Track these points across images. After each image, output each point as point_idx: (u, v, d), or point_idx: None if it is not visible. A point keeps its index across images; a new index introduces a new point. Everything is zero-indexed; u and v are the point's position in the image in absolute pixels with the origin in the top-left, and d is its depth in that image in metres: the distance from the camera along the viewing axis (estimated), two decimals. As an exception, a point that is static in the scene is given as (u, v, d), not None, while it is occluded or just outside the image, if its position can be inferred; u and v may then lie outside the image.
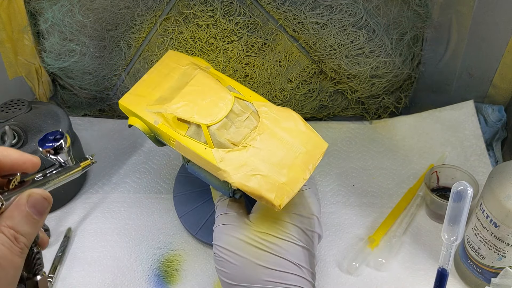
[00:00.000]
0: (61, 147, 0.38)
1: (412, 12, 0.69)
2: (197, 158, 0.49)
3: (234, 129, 0.48)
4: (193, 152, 0.48)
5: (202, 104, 0.49)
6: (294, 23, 0.68)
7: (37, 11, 0.69)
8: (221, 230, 0.49)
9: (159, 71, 0.54)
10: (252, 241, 0.47)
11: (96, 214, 0.65)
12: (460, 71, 0.73)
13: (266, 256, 0.46)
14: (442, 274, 0.46)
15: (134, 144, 0.75)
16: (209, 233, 0.55)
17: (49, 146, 0.38)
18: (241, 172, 0.46)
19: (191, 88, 0.50)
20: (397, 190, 0.67)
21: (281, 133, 0.49)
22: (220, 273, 0.48)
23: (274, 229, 0.48)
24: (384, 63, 0.70)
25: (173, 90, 0.51)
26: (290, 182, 0.46)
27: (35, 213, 0.32)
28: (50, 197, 0.34)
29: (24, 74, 0.74)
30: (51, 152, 0.38)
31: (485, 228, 0.50)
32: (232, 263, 0.47)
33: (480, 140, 0.71)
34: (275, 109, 0.51)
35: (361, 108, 0.78)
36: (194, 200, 0.63)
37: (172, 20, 0.70)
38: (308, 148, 0.49)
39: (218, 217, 0.51)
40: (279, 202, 0.45)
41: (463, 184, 0.46)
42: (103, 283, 0.56)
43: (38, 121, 0.63)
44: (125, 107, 0.53)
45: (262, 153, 0.47)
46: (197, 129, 0.48)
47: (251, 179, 0.46)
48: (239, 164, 0.47)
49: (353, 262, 0.57)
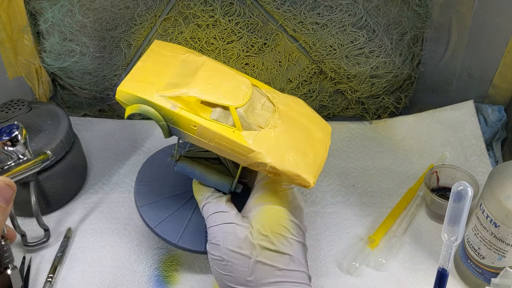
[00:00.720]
0: (17, 139, 0.39)
1: (412, 12, 0.69)
2: (225, 141, 0.46)
3: (258, 112, 0.48)
4: (220, 136, 0.46)
5: (224, 87, 0.48)
6: (294, 23, 0.68)
7: (37, 11, 0.69)
8: (224, 230, 0.46)
9: (154, 59, 0.51)
10: (260, 241, 0.45)
11: (96, 214, 0.65)
12: (460, 71, 0.73)
13: (275, 256, 0.45)
14: (442, 274, 0.46)
15: (134, 144, 0.75)
16: (193, 239, 0.53)
17: (5, 138, 0.39)
18: (274, 153, 0.46)
19: (206, 73, 0.49)
20: (397, 190, 0.67)
21: (297, 116, 0.50)
22: (224, 278, 0.45)
23: (277, 227, 0.47)
24: (384, 63, 0.70)
25: (183, 76, 0.49)
26: (316, 161, 0.48)
27: (1, 201, 0.32)
28: (14, 184, 0.33)
29: (24, 74, 0.74)
30: (8, 144, 0.39)
31: (485, 228, 0.50)
32: (240, 266, 0.44)
33: (480, 140, 0.71)
34: (282, 95, 0.52)
35: (361, 108, 0.78)
36: (165, 208, 0.56)
37: (172, 20, 0.70)
38: (320, 130, 0.51)
39: (214, 215, 0.48)
40: (313, 180, 0.47)
41: (463, 184, 0.46)
42: (103, 283, 0.56)
43: (38, 121, 0.63)
44: (128, 94, 0.47)
45: (287, 134, 0.48)
46: (223, 112, 0.46)
47: (286, 160, 0.46)
48: (270, 146, 0.47)
49: (353, 262, 0.57)
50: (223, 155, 0.48)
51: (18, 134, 0.39)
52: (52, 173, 0.61)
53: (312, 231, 0.62)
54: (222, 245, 0.46)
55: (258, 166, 0.47)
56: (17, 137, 0.39)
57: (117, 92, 0.47)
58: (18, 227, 0.58)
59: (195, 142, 0.48)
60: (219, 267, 0.46)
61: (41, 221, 0.60)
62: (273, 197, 0.49)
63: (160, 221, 0.54)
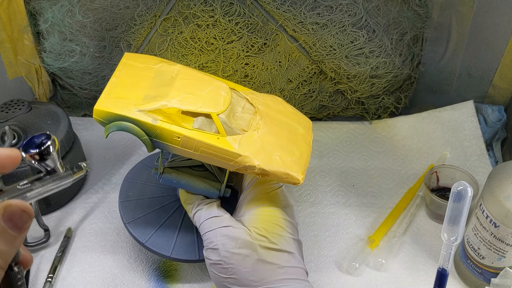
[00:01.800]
0: (48, 152, 0.33)
1: (412, 12, 0.69)
2: (210, 149, 0.46)
3: (239, 115, 0.49)
4: (205, 144, 0.46)
5: (203, 94, 0.48)
6: (294, 23, 0.68)
7: (37, 11, 0.69)
8: (222, 234, 0.46)
9: (127, 73, 0.50)
10: (259, 241, 0.45)
11: (96, 214, 0.65)
12: (460, 71, 0.73)
13: (276, 254, 0.45)
14: (442, 274, 0.46)
15: (134, 144, 0.75)
16: (186, 249, 0.53)
17: (33, 151, 0.32)
18: (261, 155, 0.47)
19: (182, 82, 0.49)
20: (397, 190, 0.67)
21: (277, 115, 0.51)
22: (226, 281, 0.45)
23: (273, 227, 0.47)
24: (384, 63, 0.70)
25: (159, 87, 0.48)
26: (302, 157, 0.49)
27: (12, 228, 0.28)
28: (30, 209, 0.29)
29: (24, 74, 0.74)
30: (35, 158, 0.33)
31: (485, 228, 0.50)
32: (243, 267, 0.44)
33: (480, 140, 0.71)
34: (260, 95, 0.53)
35: (361, 108, 0.78)
36: (153, 222, 0.55)
37: (172, 20, 0.70)
38: (301, 125, 0.53)
39: (208, 221, 0.48)
40: (301, 176, 0.48)
41: (463, 184, 0.46)
42: (103, 283, 0.56)
43: (38, 121, 0.63)
44: (106, 112, 0.46)
45: (271, 134, 0.49)
46: (205, 120, 0.47)
47: (273, 160, 0.47)
48: (256, 148, 0.47)
49: (353, 262, 0.57)
50: (210, 162, 0.48)
51: (49, 146, 0.33)
52: (52, 173, 0.61)
53: (312, 231, 0.62)
54: (222, 249, 0.45)
55: (246, 169, 0.47)
56: (48, 149, 0.33)
57: (94, 112, 0.46)
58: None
59: (180, 153, 0.47)
60: (219, 271, 0.45)
61: (41, 221, 0.60)
62: (264, 198, 0.50)
63: (150, 235, 0.54)
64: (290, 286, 0.44)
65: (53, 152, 0.33)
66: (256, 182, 0.51)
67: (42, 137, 0.33)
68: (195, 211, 0.50)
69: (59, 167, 0.34)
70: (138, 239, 0.53)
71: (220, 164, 0.47)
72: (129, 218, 0.55)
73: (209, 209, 0.49)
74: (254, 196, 0.50)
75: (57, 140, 0.34)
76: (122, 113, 0.45)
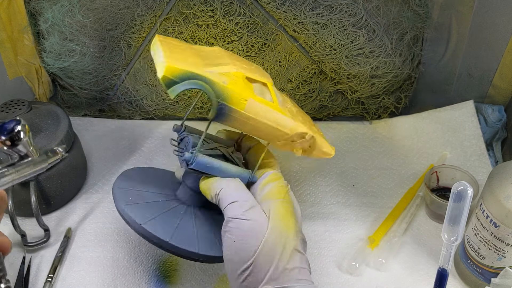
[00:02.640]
0: (19, 138, 0.33)
1: (412, 12, 0.69)
2: (270, 115, 0.46)
3: (277, 91, 0.51)
4: (266, 109, 0.46)
5: (253, 68, 0.49)
6: (294, 23, 0.68)
7: (37, 11, 0.69)
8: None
9: (171, 47, 0.46)
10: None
11: (96, 214, 0.65)
12: (460, 71, 0.73)
13: (301, 254, 0.45)
14: (442, 274, 0.46)
15: (134, 144, 0.75)
16: (207, 244, 0.48)
17: (4, 137, 0.32)
18: (306, 126, 0.50)
19: (230, 56, 0.49)
20: (397, 190, 0.67)
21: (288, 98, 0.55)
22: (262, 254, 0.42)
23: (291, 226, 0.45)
24: (384, 63, 0.70)
25: (212, 59, 0.47)
26: (319, 133, 0.55)
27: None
28: (4, 195, 0.29)
29: (24, 74, 0.74)
30: (7, 144, 0.33)
31: (485, 228, 0.50)
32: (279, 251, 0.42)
33: (480, 140, 0.71)
34: None
35: (361, 108, 0.78)
36: (169, 221, 0.48)
37: (172, 20, 0.70)
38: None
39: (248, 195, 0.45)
40: (332, 151, 0.54)
41: (463, 184, 0.46)
42: (103, 283, 0.56)
43: (38, 121, 0.63)
44: (180, 70, 0.42)
45: (300, 113, 0.54)
46: (262, 88, 0.47)
47: (314, 133, 0.51)
48: (301, 120, 0.50)
49: (353, 262, 0.57)
50: (262, 133, 0.48)
51: (20, 131, 0.33)
52: (52, 173, 0.61)
53: (312, 231, 0.62)
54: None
55: (294, 141, 0.48)
56: (19, 134, 0.33)
57: (166, 69, 0.41)
58: (18, 227, 0.58)
59: (234, 122, 0.45)
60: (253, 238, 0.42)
61: (41, 221, 0.60)
62: (280, 193, 0.47)
63: (171, 233, 0.47)
64: (302, 286, 0.44)
65: (23, 137, 0.33)
66: (269, 177, 0.49)
67: (12, 123, 0.33)
68: (226, 190, 0.46)
69: (32, 152, 0.34)
70: (161, 237, 0.46)
71: (273, 134, 0.47)
72: (144, 219, 0.47)
73: (245, 189, 0.46)
74: (271, 189, 0.47)
75: (28, 126, 0.34)
76: (196, 71, 0.42)
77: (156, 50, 0.45)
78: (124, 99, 0.79)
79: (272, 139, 0.48)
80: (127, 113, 0.80)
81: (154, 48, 0.46)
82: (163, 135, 0.77)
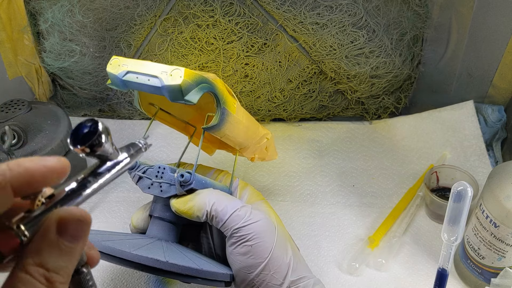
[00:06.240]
0: (100, 143, 0.27)
1: (412, 12, 0.69)
2: (249, 117, 0.50)
3: None
4: (245, 112, 0.50)
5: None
6: (294, 23, 0.68)
7: (37, 11, 0.70)
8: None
9: None
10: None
11: (96, 214, 0.65)
12: (460, 71, 0.73)
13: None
14: (442, 274, 0.46)
15: (134, 144, 0.75)
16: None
17: (83, 144, 0.26)
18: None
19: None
20: (397, 190, 0.67)
21: None
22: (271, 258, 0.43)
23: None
24: (384, 63, 0.70)
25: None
26: None
27: (68, 241, 0.25)
28: (87, 216, 0.26)
29: (24, 74, 0.74)
30: (86, 151, 0.27)
31: (485, 228, 0.50)
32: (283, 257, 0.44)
33: (480, 140, 0.71)
34: None
35: (361, 108, 0.78)
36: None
37: (172, 20, 0.70)
38: None
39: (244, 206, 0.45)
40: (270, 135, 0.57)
41: (463, 184, 0.46)
42: (103, 283, 0.56)
43: (38, 121, 0.63)
44: (196, 75, 0.42)
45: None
46: None
47: None
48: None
49: (353, 262, 0.57)
50: (243, 138, 0.49)
51: (101, 134, 0.27)
52: (52, 173, 0.61)
53: (312, 231, 0.62)
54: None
55: (259, 143, 0.50)
56: (100, 138, 0.27)
57: (185, 73, 0.41)
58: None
59: (226, 128, 0.46)
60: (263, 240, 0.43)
61: (41, 221, 0.59)
62: (259, 195, 0.50)
63: None
64: (310, 281, 0.45)
65: (105, 142, 0.27)
66: (241, 184, 0.51)
67: (90, 125, 0.27)
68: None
69: (114, 153, 0.29)
70: (158, 258, 0.41)
71: (251, 137, 0.50)
72: (131, 248, 0.42)
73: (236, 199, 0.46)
74: (251, 193, 0.50)
75: (108, 128, 0.28)
76: (204, 75, 0.44)
77: None
78: (124, 99, 0.79)
79: (249, 143, 0.49)
80: (127, 113, 0.80)
81: None
82: (163, 135, 0.77)
